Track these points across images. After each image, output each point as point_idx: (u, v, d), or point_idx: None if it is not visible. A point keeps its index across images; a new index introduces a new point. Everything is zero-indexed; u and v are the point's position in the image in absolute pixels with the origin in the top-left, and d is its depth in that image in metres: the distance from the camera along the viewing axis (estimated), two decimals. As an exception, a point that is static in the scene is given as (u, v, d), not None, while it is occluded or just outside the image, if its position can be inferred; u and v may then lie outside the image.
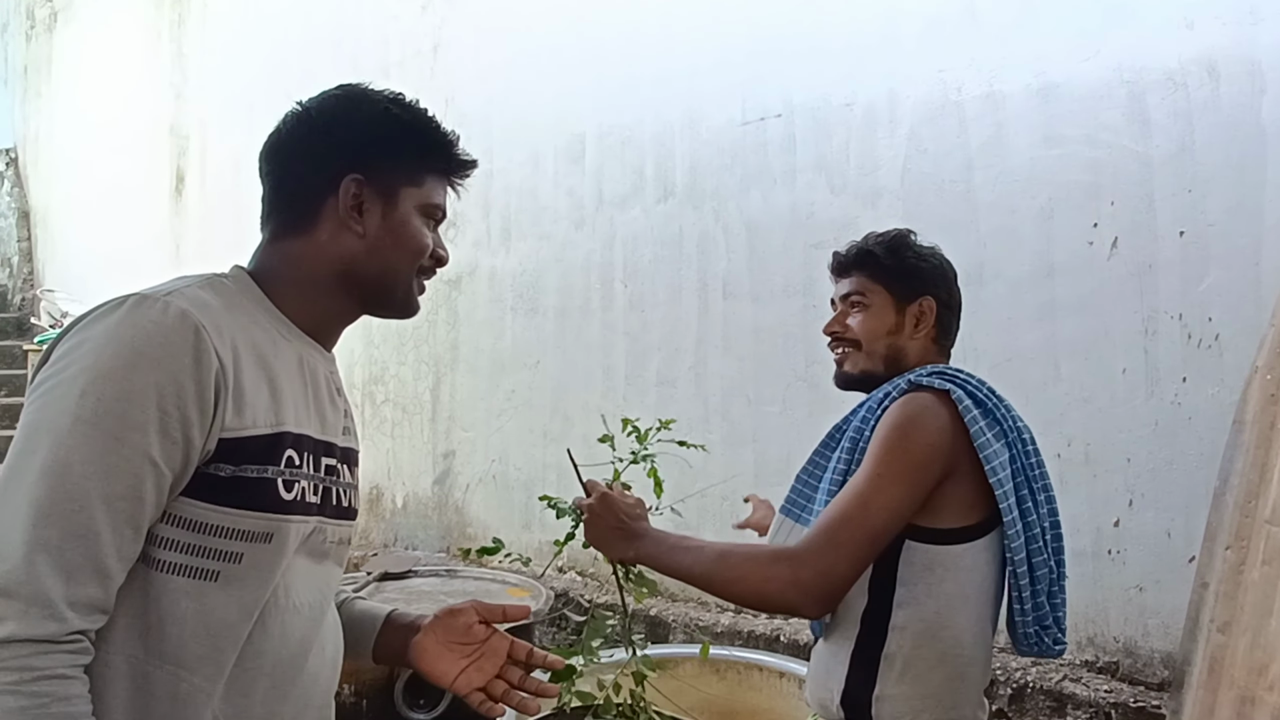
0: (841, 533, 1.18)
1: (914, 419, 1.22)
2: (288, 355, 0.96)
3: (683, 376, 3.20)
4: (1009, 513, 1.23)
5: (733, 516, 3.14)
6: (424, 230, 1.01)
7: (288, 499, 0.90)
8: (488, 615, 1.08)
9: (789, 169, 2.94)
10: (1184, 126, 2.21)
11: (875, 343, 1.37)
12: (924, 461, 1.20)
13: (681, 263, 3.21)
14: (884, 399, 1.29)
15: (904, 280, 1.38)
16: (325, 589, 1.00)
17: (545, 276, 3.63)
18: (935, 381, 1.26)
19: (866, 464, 1.22)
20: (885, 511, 1.18)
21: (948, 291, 1.41)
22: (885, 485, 1.19)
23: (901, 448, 1.21)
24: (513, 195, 3.76)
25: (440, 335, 4.03)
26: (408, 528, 4.10)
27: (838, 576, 1.17)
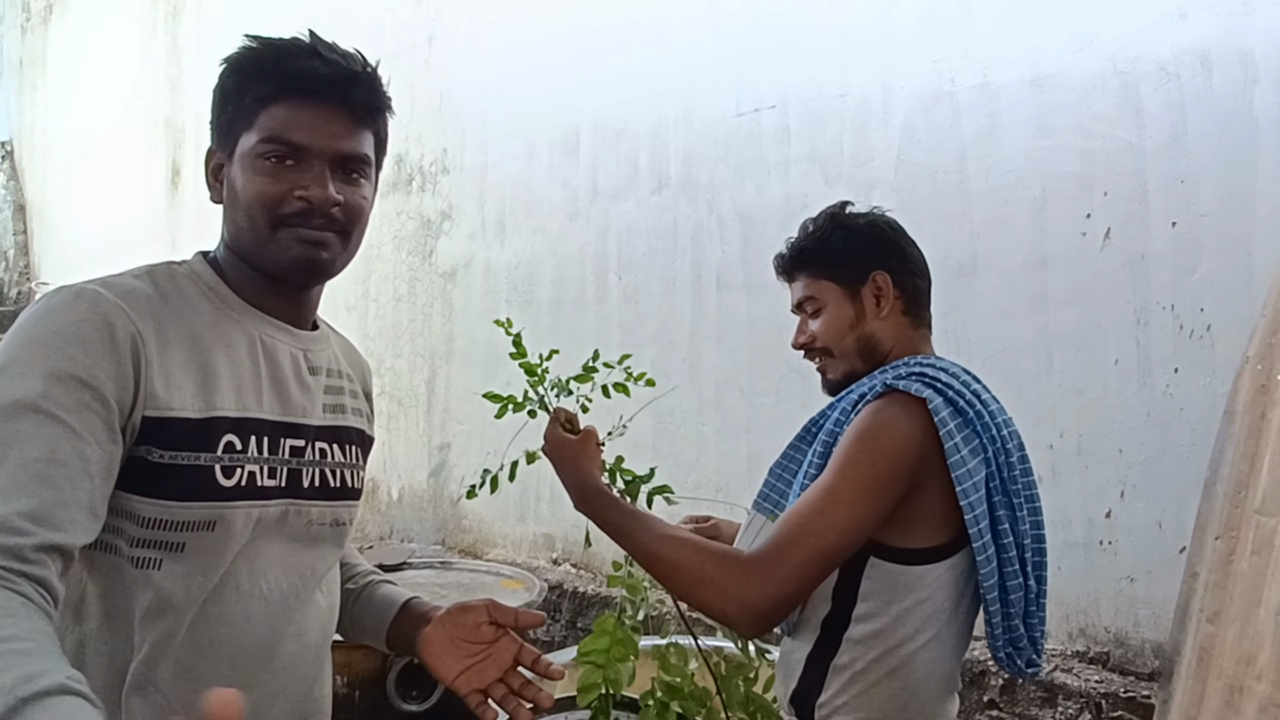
0: (795, 550, 1.10)
1: (881, 430, 1.14)
2: (236, 338, 0.94)
3: (677, 369, 3.20)
4: (978, 538, 1.15)
5: (727, 509, 3.14)
6: (259, 176, 0.91)
7: (227, 485, 0.89)
8: (499, 617, 1.04)
9: (783, 160, 2.93)
10: (1177, 117, 2.21)
11: (842, 342, 1.29)
12: (887, 478, 1.13)
13: (675, 255, 3.21)
14: (859, 400, 1.22)
15: (844, 265, 1.30)
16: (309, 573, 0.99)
17: (540, 269, 3.63)
18: (913, 386, 1.16)
19: (828, 475, 1.15)
20: (843, 531, 1.11)
21: (898, 256, 1.30)
22: (844, 501, 1.12)
23: (866, 461, 1.13)
24: (508, 188, 3.75)
25: (435, 328, 4.03)
26: (403, 520, 4.11)
27: (782, 600, 1.10)
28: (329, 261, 0.97)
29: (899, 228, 1.35)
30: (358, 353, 1.21)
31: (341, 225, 0.96)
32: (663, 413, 3.22)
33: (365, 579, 1.19)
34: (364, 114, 0.97)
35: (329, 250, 0.96)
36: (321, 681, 1.03)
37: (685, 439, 3.17)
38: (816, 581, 1.14)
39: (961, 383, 1.21)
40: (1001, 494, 1.19)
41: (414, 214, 4.13)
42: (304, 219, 0.93)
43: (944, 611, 1.21)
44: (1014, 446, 1.23)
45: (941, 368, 1.24)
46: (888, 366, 1.28)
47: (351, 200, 0.97)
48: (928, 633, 1.20)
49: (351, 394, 1.10)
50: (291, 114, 0.92)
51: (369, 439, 1.13)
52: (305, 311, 1.03)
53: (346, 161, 0.96)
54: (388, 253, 4.25)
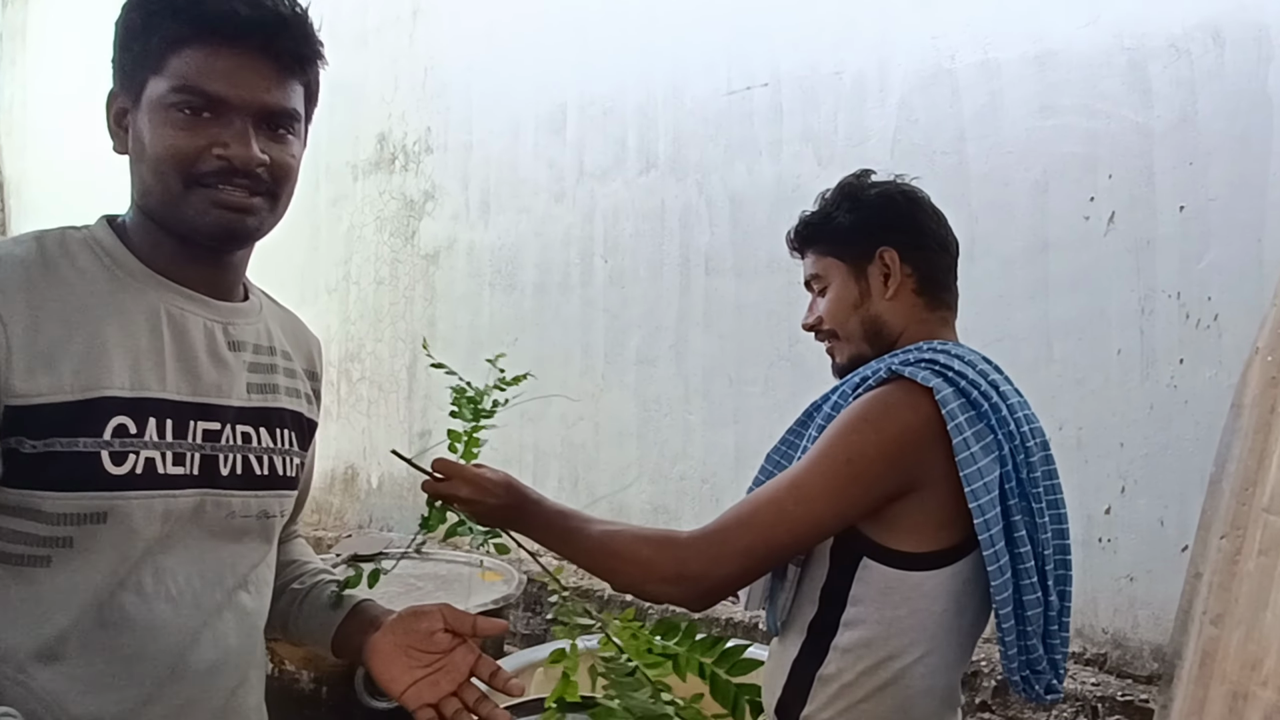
0: (740, 536, 1.03)
1: (871, 422, 1.04)
2: (134, 309, 0.84)
3: (663, 355, 3.10)
4: (989, 544, 1.03)
5: (713, 500, 3.06)
6: (170, 129, 0.81)
7: (118, 473, 0.79)
8: (455, 624, 0.94)
9: (775, 140, 2.83)
10: (1186, 96, 2.11)
11: (847, 323, 1.19)
12: (866, 476, 1.02)
13: (663, 237, 3.11)
14: (860, 384, 1.12)
15: (850, 240, 1.19)
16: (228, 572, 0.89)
17: (524, 251, 3.52)
18: (920, 373, 1.05)
19: (798, 463, 1.06)
20: (795, 526, 1.03)
21: (909, 230, 1.18)
22: (808, 496, 1.03)
23: (840, 456, 1.03)
24: (492, 167, 3.64)
25: (417, 312, 3.92)
26: (383, 509, 4.01)
27: (721, 579, 1.04)
28: (253, 227, 0.87)
29: (917, 198, 1.23)
30: (304, 328, 1.11)
31: (268, 187, 0.86)
32: (648, 400, 3.12)
33: (314, 578, 1.09)
34: (292, 63, 0.86)
35: (254, 215, 0.86)
36: (245, 690, 0.93)
37: (671, 427, 3.08)
38: (758, 571, 1.07)
39: (978, 371, 1.09)
40: (1019, 496, 1.07)
41: (396, 194, 4.02)
42: (223, 179, 0.83)
43: (944, 624, 1.10)
44: (1036, 445, 1.11)
45: (957, 354, 1.11)
46: (898, 351, 1.16)
47: (279, 159, 0.86)
48: (923, 646, 1.09)
49: (287, 373, 0.99)
50: (208, 60, 0.81)
51: (308, 422, 1.03)
52: (226, 280, 0.93)
53: (273, 116, 0.85)
54: (369, 234, 4.14)
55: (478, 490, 1.12)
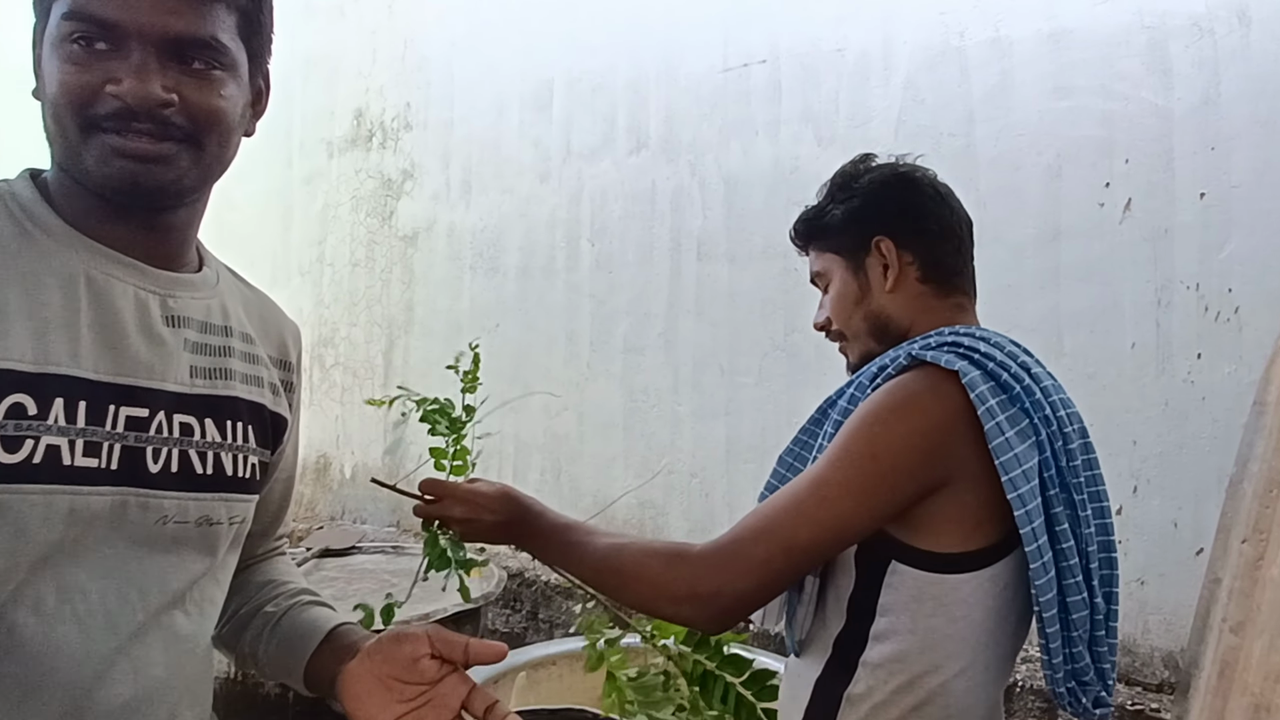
0: (759, 545, 0.93)
1: (895, 412, 0.95)
2: (45, 273, 0.70)
3: (651, 343, 2.98)
4: (1032, 539, 0.93)
5: (703, 495, 2.95)
6: (63, 64, 0.70)
7: (11, 461, 0.65)
8: (444, 650, 0.80)
9: (773, 120, 2.70)
10: (1209, 77, 2.01)
11: (851, 321, 1.12)
12: (893, 471, 0.93)
13: (653, 220, 2.98)
14: (878, 373, 1.02)
15: (845, 233, 1.12)
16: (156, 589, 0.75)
17: (507, 233, 3.38)
18: (943, 357, 0.96)
19: (820, 461, 0.97)
20: (820, 529, 0.93)
21: (906, 215, 1.10)
22: (834, 497, 0.93)
23: (865, 451, 0.94)
24: (474, 146, 3.49)
25: (394, 295, 3.77)
26: (356, 500, 3.86)
27: (738, 596, 0.94)
28: (168, 181, 0.73)
29: (913, 179, 1.14)
30: (276, 311, 0.97)
31: (184, 132, 0.72)
32: (635, 391, 3.00)
33: (290, 600, 0.94)
34: None
35: (167, 166, 0.72)
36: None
37: (659, 419, 2.96)
38: (779, 586, 0.97)
39: (1006, 354, 0.99)
40: (1059, 487, 0.98)
41: (374, 172, 3.85)
42: (121, 122, 0.70)
43: (984, 632, 1.00)
44: (1074, 432, 1.01)
45: (982, 337, 1.02)
46: (917, 338, 1.07)
47: (198, 100, 0.72)
48: (963, 658, 0.98)
49: (247, 358, 0.86)
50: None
51: (273, 417, 0.89)
52: (167, 245, 0.79)
53: (183, 46, 0.71)
54: (345, 214, 3.97)
55: (472, 508, 1.06)
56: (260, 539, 0.98)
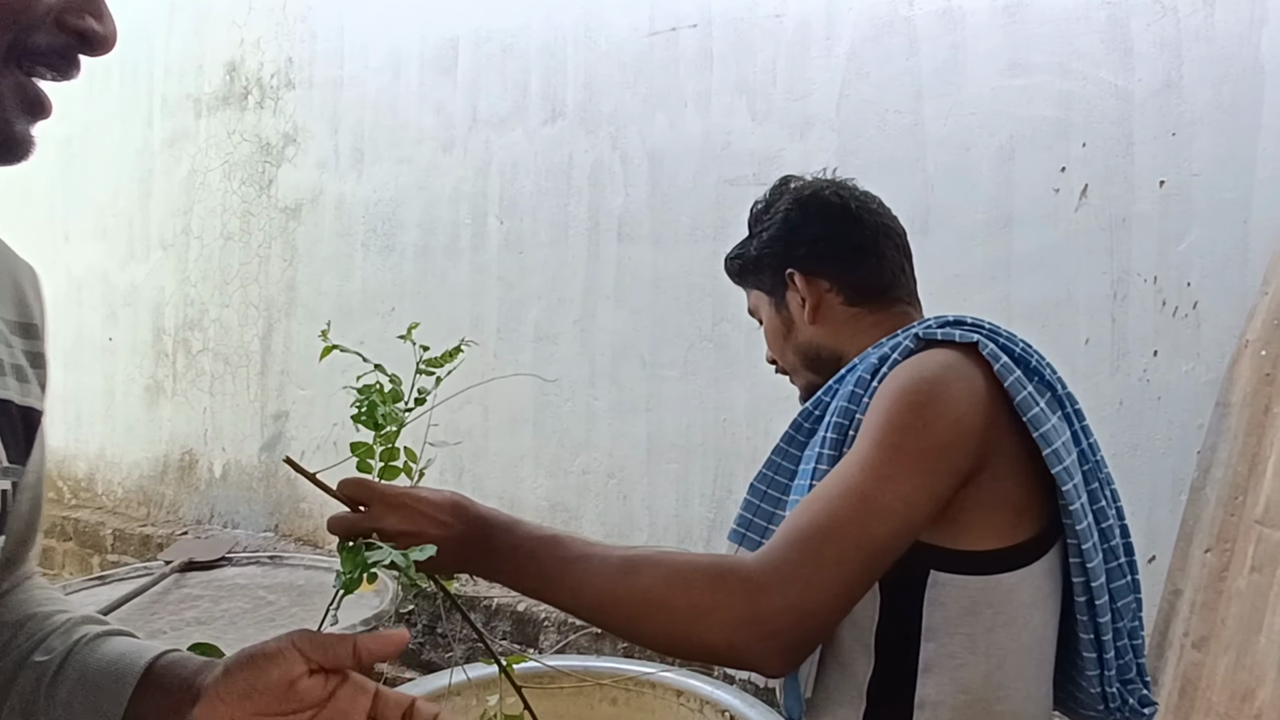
0: (826, 545, 0.75)
1: (934, 383, 0.83)
2: None
3: (566, 331, 2.73)
4: (1081, 516, 0.83)
5: (620, 498, 2.72)
6: None
7: None
8: (325, 659, 0.59)
9: (703, 90, 2.49)
10: (1171, 59, 1.90)
11: (785, 356, 1.09)
12: (949, 443, 0.80)
13: (570, 196, 2.72)
14: (880, 365, 0.91)
15: (761, 270, 1.08)
16: None
17: (405, 207, 3.06)
18: (956, 334, 0.87)
19: (863, 447, 0.82)
20: (892, 517, 0.77)
21: (817, 242, 1.04)
22: (893, 476, 0.78)
23: (917, 424, 0.81)
24: (367, 109, 3.14)
25: (274, 273, 3.38)
26: (227, 502, 3.46)
27: (817, 611, 0.75)
28: None
29: (821, 202, 1.06)
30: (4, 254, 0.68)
31: None
32: (547, 384, 2.74)
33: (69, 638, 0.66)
34: None
35: None
36: None
37: (573, 415, 2.71)
38: (858, 592, 0.78)
39: (1008, 333, 0.91)
40: (1091, 467, 0.89)
41: (250, 135, 3.45)
42: None
43: (1045, 642, 0.88)
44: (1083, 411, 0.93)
45: (977, 320, 0.93)
46: (912, 323, 0.98)
47: None
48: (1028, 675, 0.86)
49: None
50: None
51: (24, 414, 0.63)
52: None
53: None
54: (215, 181, 3.55)
55: (413, 518, 0.79)
56: (6, 569, 0.70)
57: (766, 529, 0.95)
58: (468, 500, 0.83)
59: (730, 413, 2.45)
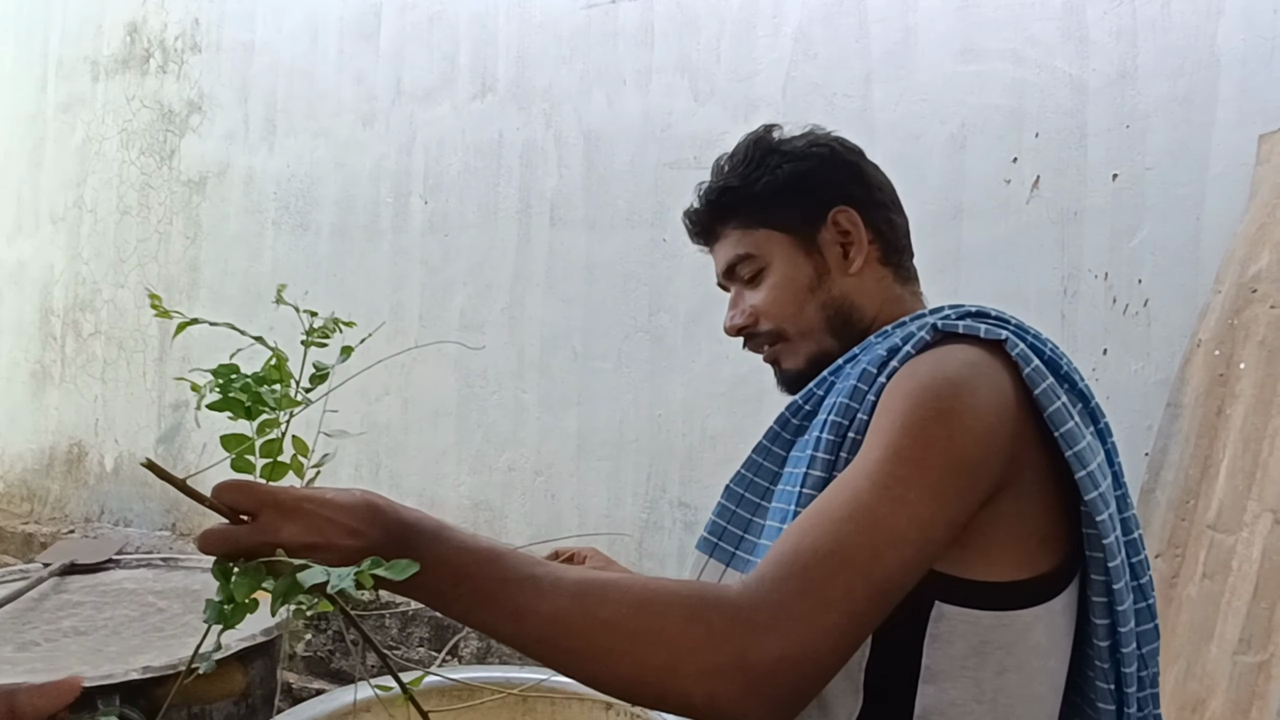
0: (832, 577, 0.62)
1: (960, 386, 0.69)
2: None
3: (493, 320, 2.57)
4: (1115, 552, 0.71)
5: (548, 496, 2.58)
6: None
7: None
8: None
9: (643, 68, 2.36)
10: (1127, 49, 1.85)
11: (802, 314, 0.88)
12: (975, 460, 0.67)
13: (500, 177, 2.56)
14: (889, 358, 0.77)
15: (790, 202, 0.89)
16: None
17: (321, 184, 2.85)
18: (981, 328, 0.74)
19: (870, 459, 0.68)
20: (908, 544, 0.64)
21: (861, 182, 0.90)
22: (910, 497, 0.64)
23: (940, 432, 0.67)
24: (280, 76, 2.92)
25: (175, 252, 3.13)
26: (119, 498, 3.20)
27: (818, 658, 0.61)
28: None
29: (855, 147, 0.96)
30: None
31: None
32: (472, 374, 2.58)
33: None
34: None
35: None
36: None
37: (500, 408, 2.55)
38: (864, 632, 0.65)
39: (1034, 331, 0.80)
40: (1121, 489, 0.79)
41: (151, 102, 3.19)
42: None
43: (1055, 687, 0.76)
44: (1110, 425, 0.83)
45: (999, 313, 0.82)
46: (920, 313, 0.85)
47: None
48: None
49: None
50: None
51: None
52: None
53: None
54: (112, 150, 3.28)
55: (317, 526, 0.62)
56: None
57: (742, 538, 0.82)
58: (383, 501, 0.67)
59: (666, 408, 2.33)
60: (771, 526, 0.77)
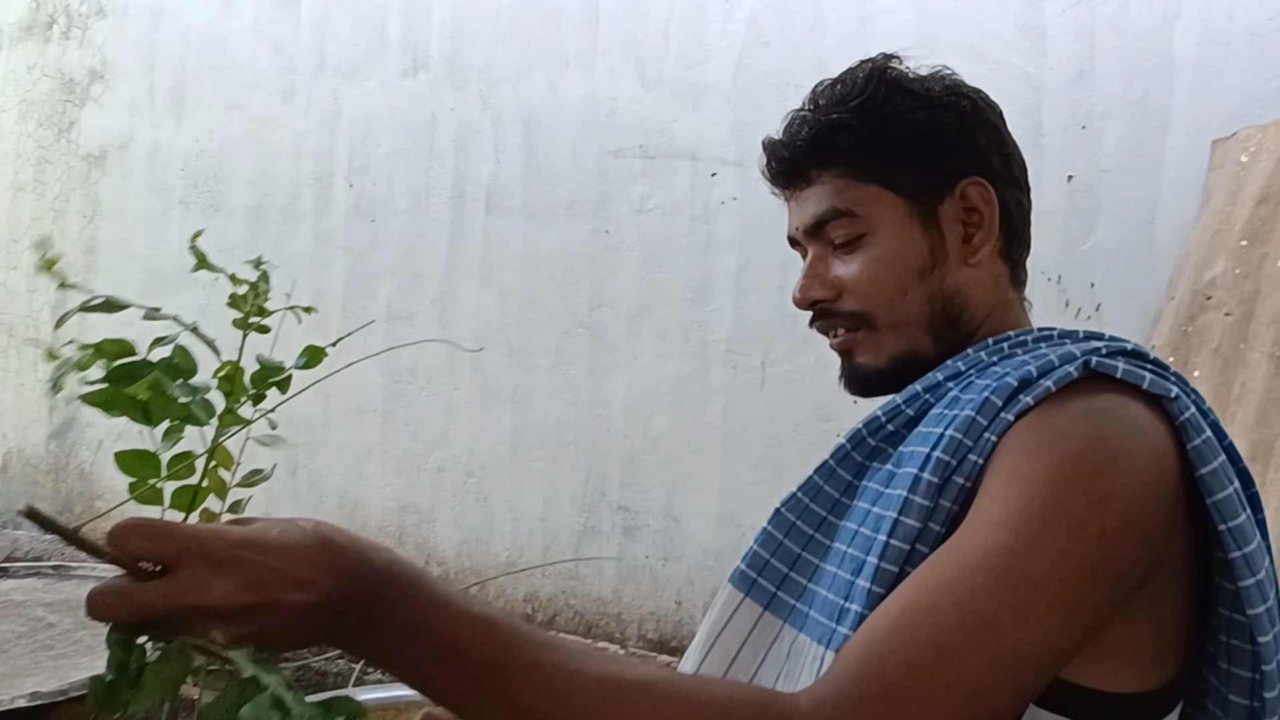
0: (935, 703, 0.49)
1: (1119, 459, 0.55)
2: None
3: (423, 312, 2.43)
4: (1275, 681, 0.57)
5: (480, 499, 2.45)
6: None
7: None
8: None
9: (587, 50, 2.25)
10: (1084, 48, 1.82)
11: (904, 300, 0.70)
12: (1127, 559, 0.54)
13: (432, 160, 2.42)
14: (1019, 390, 0.60)
15: (919, 159, 0.70)
16: None
17: (235, 162, 2.66)
18: (1145, 377, 0.58)
19: (995, 537, 0.53)
20: (1029, 667, 0.51)
21: (1000, 150, 0.73)
22: (1043, 602, 0.51)
23: (1092, 521, 0.52)
24: (191, 44, 2.71)
25: (71, 231, 2.89)
26: (6, 498, 2.95)
27: None
28: None
29: (997, 105, 0.76)
30: None
31: None
32: (400, 369, 2.44)
33: None
34: None
35: None
36: None
37: (429, 405, 2.42)
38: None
39: (1190, 385, 0.62)
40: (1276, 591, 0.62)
41: (52, 70, 2.93)
42: None
43: None
44: None
45: (1156, 358, 0.64)
46: (1025, 336, 0.68)
47: None
48: None
49: None
50: None
51: None
52: None
53: None
54: (9, 122, 3.02)
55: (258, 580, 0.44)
56: None
57: (787, 576, 0.67)
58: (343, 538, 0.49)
59: (606, 408, 2.23)
60: (835, 575, 0.62)
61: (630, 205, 2.19)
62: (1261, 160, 1.60)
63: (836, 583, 0.62)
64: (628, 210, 2.19)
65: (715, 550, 2.10)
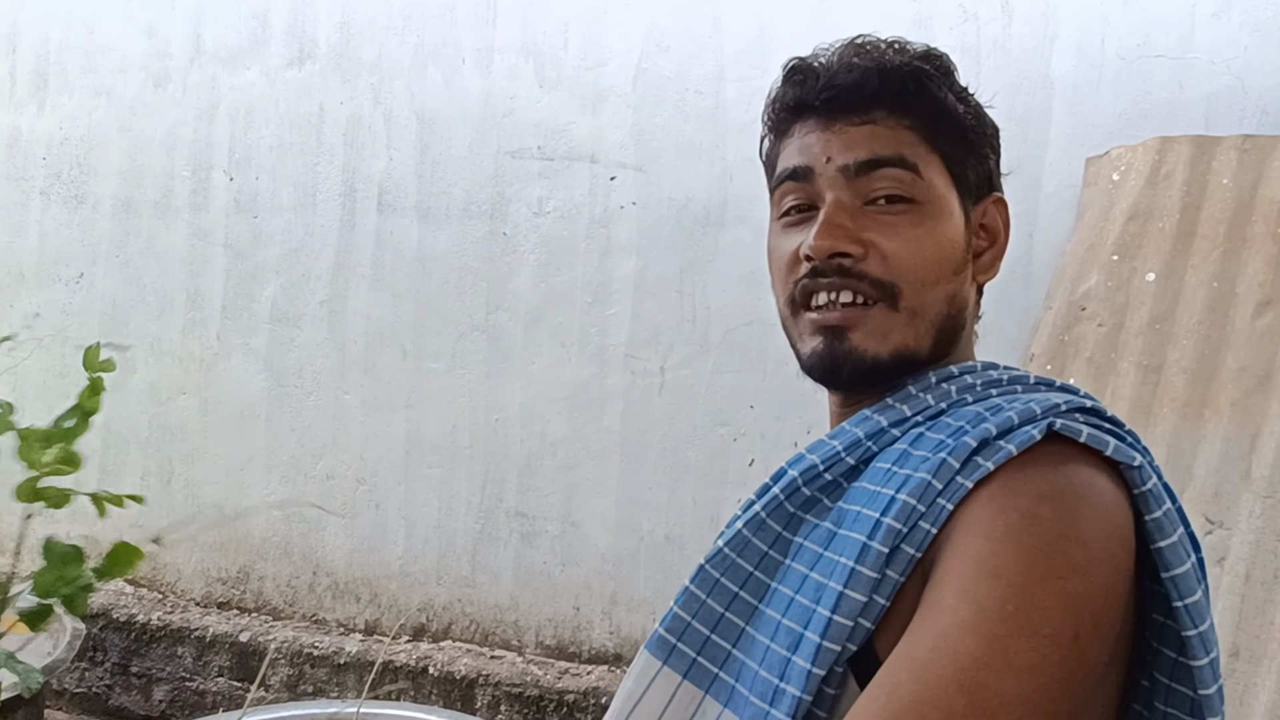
0: None
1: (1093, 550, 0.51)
2: None
3: (311, 313, 2.32)
4: None
5: (373, 507, 2.35)
6: None
7: None
8: None
9: (484, 47, 2.19)
10: (970, 65, 1.87)
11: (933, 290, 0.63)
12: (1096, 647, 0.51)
13: (319, 155, 2.31)
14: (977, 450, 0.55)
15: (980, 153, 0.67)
16: None
17: (102, 151, 2.48)
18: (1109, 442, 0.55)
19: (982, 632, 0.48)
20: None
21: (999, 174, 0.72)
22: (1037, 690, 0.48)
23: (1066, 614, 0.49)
24: (55, 25, 2.52)
25: (-86, 222, 2.64)
26: None
27: None
28: None
29: None
30: None
31: None
32: (285, 372, 2.33)
33: None
34: None
35: None
36: None
37: (317, 410, 2.32)
38: None
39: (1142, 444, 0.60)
40: None
41: (-115, 43, 2.67)
42: None
43: None
44: None
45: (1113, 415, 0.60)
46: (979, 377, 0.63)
47: None
48: None
49: None
50: None
51: None
52: None
53: None
54: None
55: None
56: None
57: (708, 640, 0.60)
58: None
59: (503, 412, 2.18)
60: (768, 648, 0.57)
61: (528, 207, 2.15)
62: (1131, 179, 1.69)
63: (770, 657, 0.56)
64: (526, 212, 2.15)
65: (613, 555, 2.09)
